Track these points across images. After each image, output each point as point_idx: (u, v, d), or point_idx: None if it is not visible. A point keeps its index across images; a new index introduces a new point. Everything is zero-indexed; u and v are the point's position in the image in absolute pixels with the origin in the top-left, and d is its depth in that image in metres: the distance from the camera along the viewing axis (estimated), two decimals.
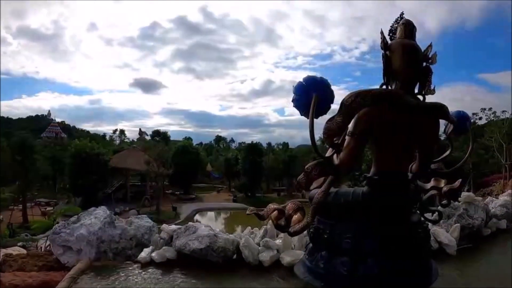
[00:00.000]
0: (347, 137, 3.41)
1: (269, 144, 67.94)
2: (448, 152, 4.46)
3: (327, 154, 3.54)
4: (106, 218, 6.44)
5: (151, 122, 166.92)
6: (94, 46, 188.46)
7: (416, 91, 3.73)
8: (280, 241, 5.89)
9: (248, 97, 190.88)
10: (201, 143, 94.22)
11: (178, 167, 44.59)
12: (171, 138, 78.44)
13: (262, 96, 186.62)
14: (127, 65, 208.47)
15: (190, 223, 6.39)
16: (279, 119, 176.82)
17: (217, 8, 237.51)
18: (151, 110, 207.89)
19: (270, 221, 3.37)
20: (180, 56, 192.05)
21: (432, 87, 3.69)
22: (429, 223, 4.42)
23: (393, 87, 3.65)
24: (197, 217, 34.92)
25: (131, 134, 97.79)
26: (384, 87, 3.68)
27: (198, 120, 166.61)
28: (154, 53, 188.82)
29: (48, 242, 7.66)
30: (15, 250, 7.75)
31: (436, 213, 4.49)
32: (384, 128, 3.41)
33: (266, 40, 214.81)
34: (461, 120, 4.40)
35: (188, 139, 76.17)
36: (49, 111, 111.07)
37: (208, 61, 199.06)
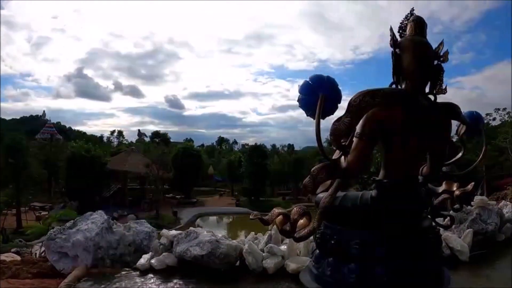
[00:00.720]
0: (355, 139, 3.40)
1: (273, 146, 68.02)
2: (460, 154, 4.44)
3: (334, 156, 3.53)
4: (104, 223, 6.46)
5: (119, 121, 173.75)
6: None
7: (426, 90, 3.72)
8: (285, 247, 5.89)
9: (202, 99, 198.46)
10: (202, 145, 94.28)
11: (179, 170, 44.61)
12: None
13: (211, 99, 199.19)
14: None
15: (191, 228, 6.39)
16: (258, 119, 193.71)
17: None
18: (108, 111, 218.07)
19: (275, 226, 3.36)
20: (90, 67, 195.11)
21: (444, 86, 3.68)
22: (441, 229, 4.41)
23: (403, 86, 3.65)
24: (198, 222, 34.90)
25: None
26: (393, 86, 3.67)
27: (171, 119, 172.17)
28: (57, 66, 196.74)
29: (43, 248, 7.68)
30: (9, 257, 7.77)
31: (448, 218, 4.48)
32: (394, 129, 3.40)
33: (171, 42, 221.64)
34: (473, 120, 4.39)
35: (189, 141, 76.32)
36: (43, 111, 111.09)
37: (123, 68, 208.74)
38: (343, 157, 3.48)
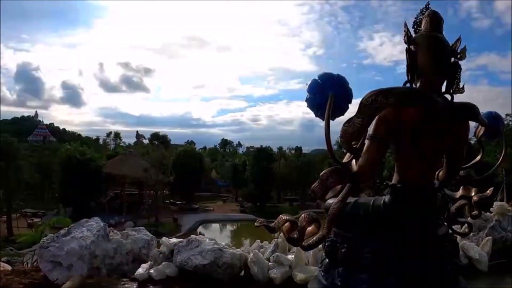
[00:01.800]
0: (366, 141, 3.39)
1: (280, 148, 67.93)
2: (479, 158, 4.42)
3: (345, 160, 3.53)
4: (100, 231, 6.46)
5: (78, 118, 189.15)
6: None
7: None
8: (293, 256, 5.88)
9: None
10: (204, 148, 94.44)
11: (180, 174, 44.63)
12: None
13: None
14: None
15: (193, 236, 6.39)
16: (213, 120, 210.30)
17: None
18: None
19: (282, 234, 3.36)
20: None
21: (461, 85, 3.67)
22: (458, 236, 4.40)
23: (418, 85, 3.64)
24: (200, 229, 34.98)
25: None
26: (407, 85, 3.66)
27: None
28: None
29: (35, 257, 7.70)
30: None
31: (466, 225, 4.47)
32: (408, 131, 3.39)
33: None
34: (493, 121, 4.37)
35: (190, 143, 76.42)
36: (36, 112, 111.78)
37: None
38: (354, 160, 3.48)
